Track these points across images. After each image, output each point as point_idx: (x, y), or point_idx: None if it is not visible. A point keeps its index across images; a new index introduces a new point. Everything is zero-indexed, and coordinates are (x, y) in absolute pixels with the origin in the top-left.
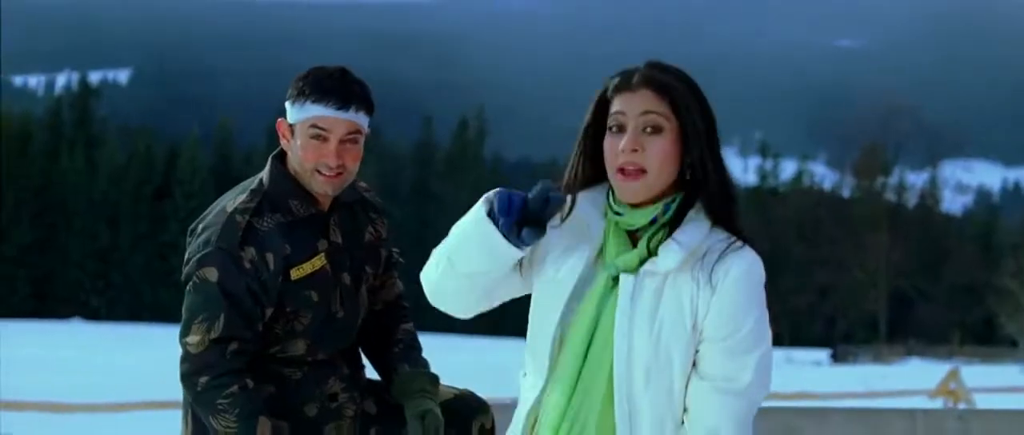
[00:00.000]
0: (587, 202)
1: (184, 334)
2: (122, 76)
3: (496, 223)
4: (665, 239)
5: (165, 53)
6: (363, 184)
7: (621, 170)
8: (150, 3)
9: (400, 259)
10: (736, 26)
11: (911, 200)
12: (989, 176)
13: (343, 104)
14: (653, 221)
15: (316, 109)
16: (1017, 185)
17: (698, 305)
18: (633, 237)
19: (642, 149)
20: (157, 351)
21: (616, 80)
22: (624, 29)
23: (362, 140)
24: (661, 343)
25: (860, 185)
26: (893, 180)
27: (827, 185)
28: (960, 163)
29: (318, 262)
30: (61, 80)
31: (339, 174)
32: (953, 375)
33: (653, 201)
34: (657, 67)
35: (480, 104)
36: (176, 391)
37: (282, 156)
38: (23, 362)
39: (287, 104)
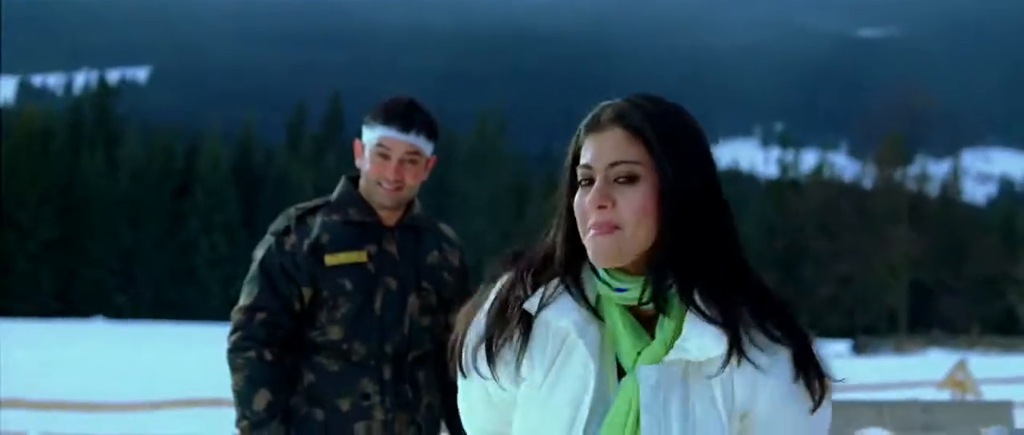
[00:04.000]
0: (553, 308)
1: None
2: (141, 74)
3: None
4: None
5: (184, 50)
6: (446, 226)
7: (592, 228)
8: (167, 0)
9: None
10: (757, 15)
11: (932, 190)
12: (1011, 165)
13: (405, 128)
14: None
15: (381, 130)
16: None
17: (735, 391)
18: (643, 320)
19: (612, 203)
20: (183, 349)
21: (587, 120)
22: (643, 18)
23: (422, 161)
24: None
25: (881, 175)
26: (914, 170)
27: (848, 176)
28: (981, 152)
29: (357, 257)
30: (80, 79)
31: (398, 188)
32: (961, 366)
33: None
34: (634, 100)
35: (502, 98)
36: (205, 388)
37: (353, 179)
38: (50, 362)
39: (363, 127)
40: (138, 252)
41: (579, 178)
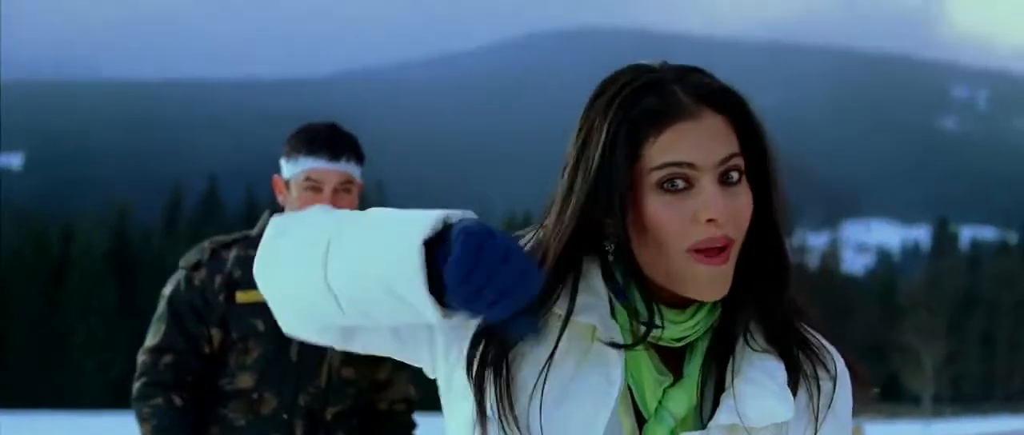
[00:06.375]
0: (589, 303)
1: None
2: (15, 161)
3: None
4: (732, 361)
5: (57, 136)
6: None
7: (702, 250)
8: (39, 86)
9: None
10: None
11: (812, 261)
12: (888, 235)
13: (334, 155)
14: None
15: (308, 162)
16: (916, 243)
17: None
18: (666, 359)
19: (732, 213)
20: None
21: (650, 101)
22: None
23: (355, 190)
24: None
25: None
26: (794, 242)
27: None
28: (860, 223)
29: None
30: None
31: None
32: (856, 431)
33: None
34: (700, 72)
35: (378, 179)
36: None
37: (279, 212)
38: None
39: (282, 161)
40: (10, 339)
41: (661, 179)
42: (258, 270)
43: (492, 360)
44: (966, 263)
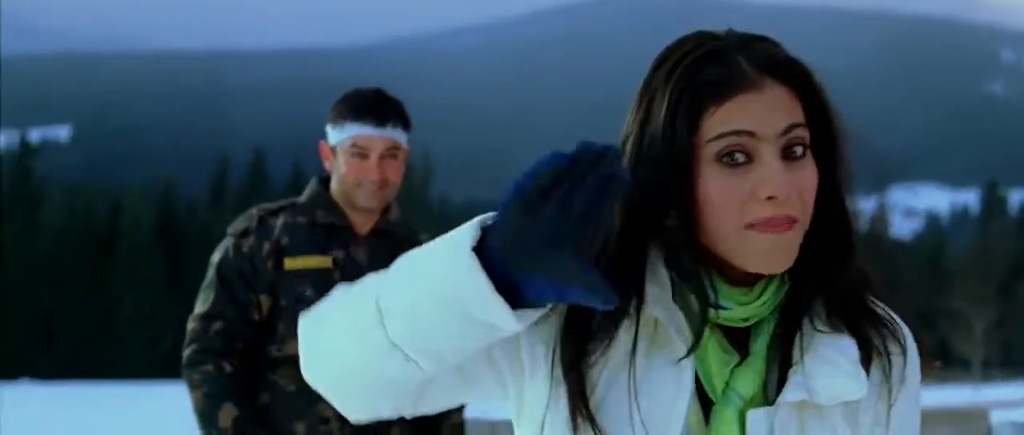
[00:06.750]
0: (654, 293)
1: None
2: (62, 133)
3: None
4: (801, 338)
5: (104, 108)
6: (429, 237)
7: (758, 224)
8: (87, 59)
9: None
10: None
11: (861, 226)
12: (937, 200)
13: (380, 121)
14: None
15: (354, 128)
16: (965, 208)
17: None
18: (734, 340)
19: (795, 190)
20: (109, 409)
21: (712, 71)
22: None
23: (401, 155)
24: None
25: None
26: None
27: None
28: (908, 188)
29: (321, 262)
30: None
31: (382, 187)
32: None
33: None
34: (765, 41)
35: (425, 148)
36: None
37: (325, 180)
38: None
39: (328, 127)
40: (60, 312)
41: (720, 151)
42: (309, 368)
43: (569, 362)
44: (1015, 227)
